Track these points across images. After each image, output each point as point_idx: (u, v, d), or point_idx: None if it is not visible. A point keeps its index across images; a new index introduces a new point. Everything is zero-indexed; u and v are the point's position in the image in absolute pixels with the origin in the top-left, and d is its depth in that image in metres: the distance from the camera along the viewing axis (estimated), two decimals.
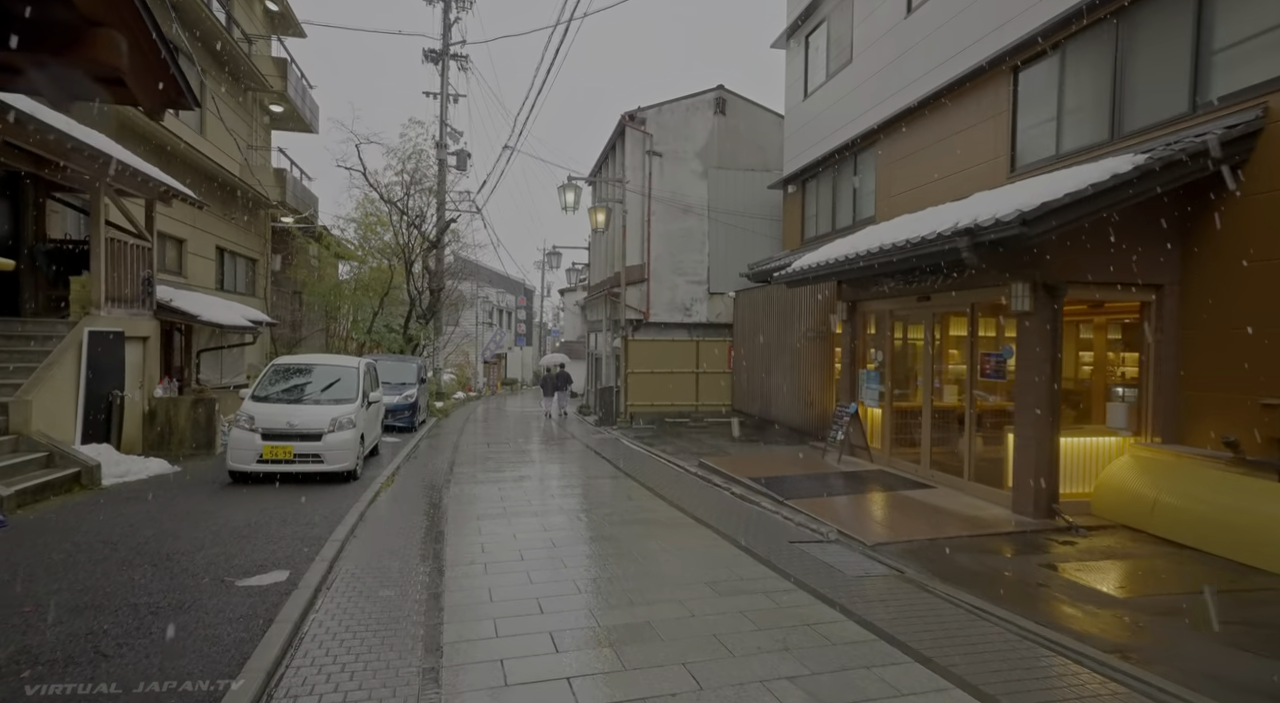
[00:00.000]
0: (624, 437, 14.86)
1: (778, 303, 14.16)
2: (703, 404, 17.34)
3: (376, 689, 3.33)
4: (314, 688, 3.33)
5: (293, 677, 3.45)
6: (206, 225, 15.42)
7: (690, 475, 9.79)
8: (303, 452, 8.28)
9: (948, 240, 6.40)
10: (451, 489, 8.73)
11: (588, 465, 11.12)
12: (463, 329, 35.04)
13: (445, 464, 10.82)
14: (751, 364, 15.67)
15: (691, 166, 17.42)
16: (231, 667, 3.42)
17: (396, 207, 20.86)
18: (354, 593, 4.67)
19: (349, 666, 3.57)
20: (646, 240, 17.19)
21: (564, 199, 16.27)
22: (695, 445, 12.97)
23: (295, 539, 5.80)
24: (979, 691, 3.37)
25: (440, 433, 15.83)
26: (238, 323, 11.62)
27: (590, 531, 6.67)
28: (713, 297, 17.53)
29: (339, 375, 9.42)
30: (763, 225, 17.68)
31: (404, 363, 16.43)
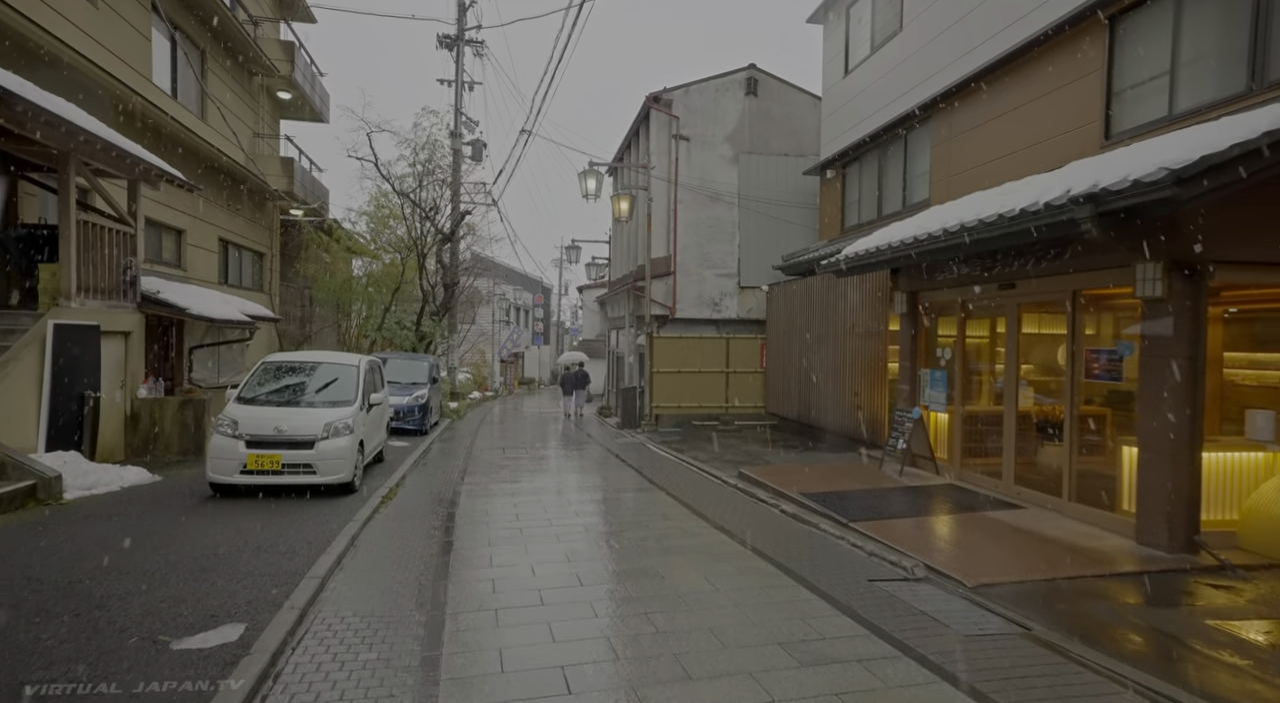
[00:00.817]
0: (649, 441, 13.76)
1: (818, 296, 12.97)
2: (733, 406, 16.19)
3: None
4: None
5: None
6: (208, 216, 14.54)
7: (730, 489, 8.66)
8: (292, 461, 7.27)
9: (1060, 211, 5.22)
10: (461, 505, 7.68)
11: (613, 475, 10.04)
12: (479, 327, 34.16)
13: (456, 473, 9.79)
14: (787, 363, 14.49)
15: (721, 152, 16.27)
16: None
17: (409, 199, 19.93)
18: (325, 658, 3.60)
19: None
20: (672, 231, 16.08)
21: (584, 186, 15.21)
22: (729, 452, 11.83)
23: (266, 575, 4.77)
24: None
25: (453, 436, 14.84)
26: (232, 318, 10.69)
27: (623, 561, 5.57)
28: (744, 291, 16.38)
29: (336, 375, 8.41)
30: (797, 214, 16.49)
31: (415, 362, 15.46)
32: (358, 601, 4.46)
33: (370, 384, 8.90)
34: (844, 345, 11.78)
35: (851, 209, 14.14)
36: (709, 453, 11.75)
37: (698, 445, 12.88)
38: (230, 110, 15.65)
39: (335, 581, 4.86)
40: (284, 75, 17.82)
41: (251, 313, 12.53)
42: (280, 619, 3.89)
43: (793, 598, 4.64)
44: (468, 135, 22.85)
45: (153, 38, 12.45)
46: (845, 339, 11.73)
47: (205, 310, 9.90)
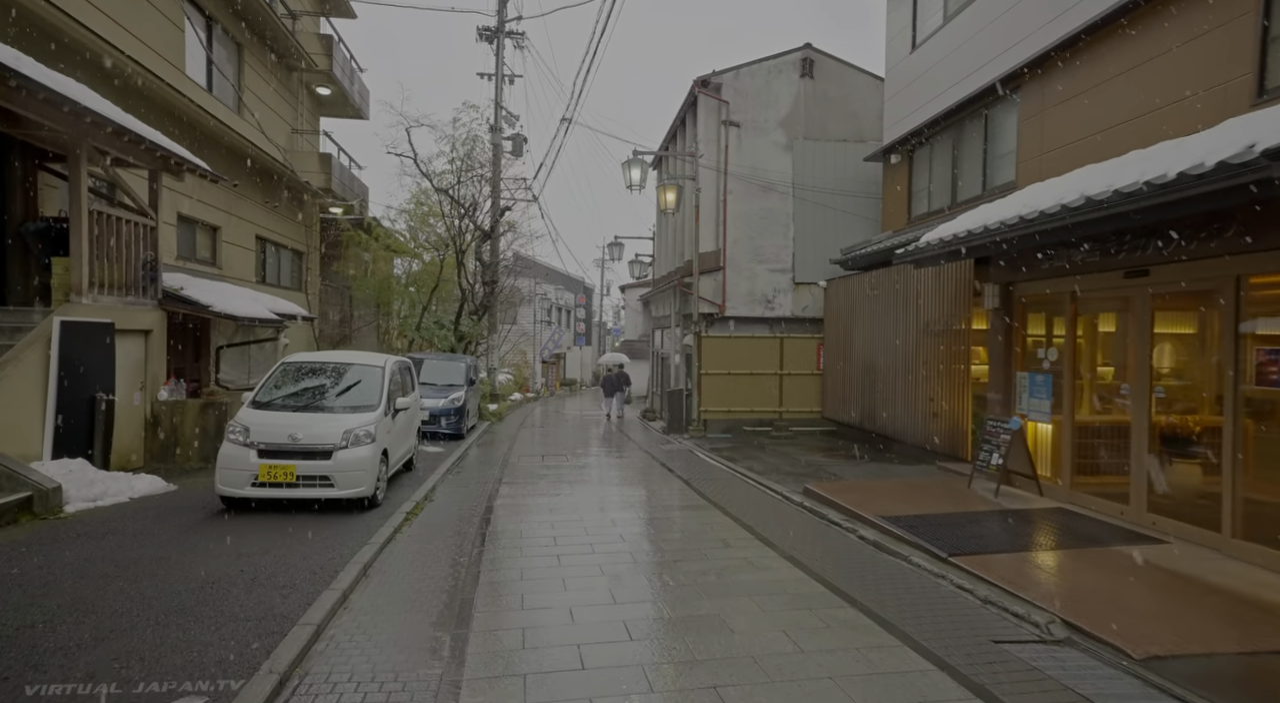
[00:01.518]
0: (698, 448, 12.78)
1: (884, 292, 11.80)
2: (787, 411, 15.08)
3: None
4: None
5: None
6: (245, 213, 14.17)
7: (794, 507, 7.62)
8: (308, 473, 6.55)
9: (1243, 171, 4.07)
10: (493, 524, 6.84)
11: (660, 488, 9.10)
12: (520, 327, 33.68)
13: (490, 484, 8.99)
14: (848, 365, 13.32)
15: (774, 138, 15.19)
16: None
17: (448, 195, 19.39)
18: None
19: None
20: (722, 223, 15.06)
21: (628, 176, 14.33)
22: (787, 463, 10.76)
23: (253, 618, 3.98)
24: None
25: (491, 441, 14.13)
26: (259, 316, 10.13)
27: (680, 604, 4.62)
28: (798, 287, 15.25)
29: (359, 377, 7.69)
30: (857, 204, 15.28)
31: (451, 362, 14.82)
32: (357, 658, 3.62)
33: (397, 387, 8.17)
34: (916, 346, 10.59)
35: (919, 197, 12.89)
36: (764, 463, 10.70)
37: (751, 454, 11.84)
38: (268, 105, 15.29)
39: (335, 626, 4.04)
40: (322, 70, 17.46)
41: (283, 311, 12.02)
42: (251, 692, 3.06)
43: (902, 666, 3.62)
44: (508, 130, 22.25)
45: (185, 29, 12.05)
46: (918, 339, 10.55)
47: (229, 308, 9.34)
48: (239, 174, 13.64)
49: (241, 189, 13.87)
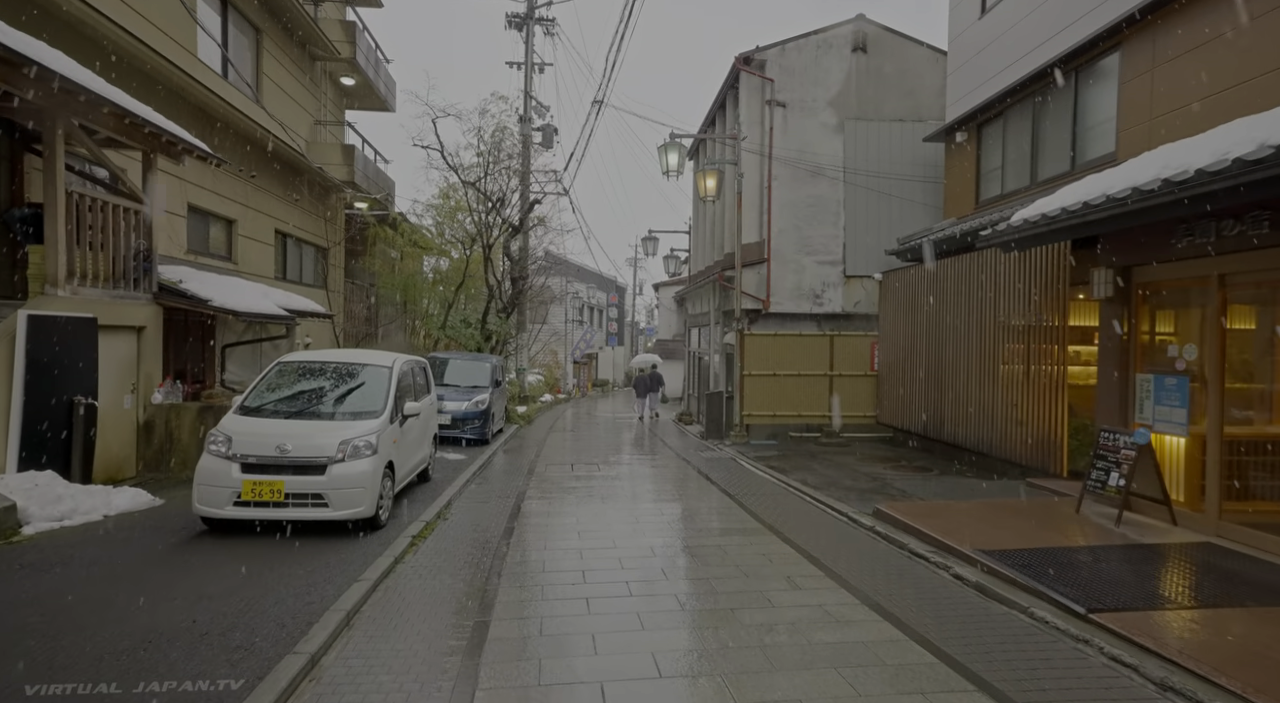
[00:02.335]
0: (741, 457, 11.64)
1: (953, 283, 10.51)
2: (838, 415, 13.83)
3: None
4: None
5: None
6: (263, 206, 13.48)
7: (865, 533, 6.46)
8: (298, 490, 5.63)
9: None
10: (514, 552, 5.83)
11: (704, 505, 8.00)
12: (551, 327, 32.89)
13: (512, 500, 8.01)
14: (908, 365, 12.04)
15: (823, 119, 13.96)
16: None
17: (475, 188, 18.57)
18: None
19: None
20: (766, 212, 13.89)
21: (665, 161, 13.26)
22: (845, 475, 9.56)
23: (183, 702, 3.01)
24: None
25: (518, 446, 13.19)
26: (266, 311, 9.33)
27: (747, 682, 3.52)
28: (849, 280, 13.99)
29: (363, 379, 6.76)
30: (914, 190, 13.97)
31: (476, 363, 13.93)
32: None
33: (407, 390, 7.23)
34: (995, 343, 9.30)
35: (989, 178, 11.55)
36: (819, 475, 9.52)
37: (802, 464, 10.66)
38: (288, 94, 14.63)
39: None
40: (345, 58, 16.75)
41: (297, 308, 11.25)
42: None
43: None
44: (538, 121, 21.41)
45: (198, 8, 11.36)
46: (997, 335, 9.25)
47: (231, 303, 8.54)
48: (257, 165, 12.96)
49: (260, 181, 13.19)
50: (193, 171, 10.92)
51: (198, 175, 11.15)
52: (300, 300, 11.97)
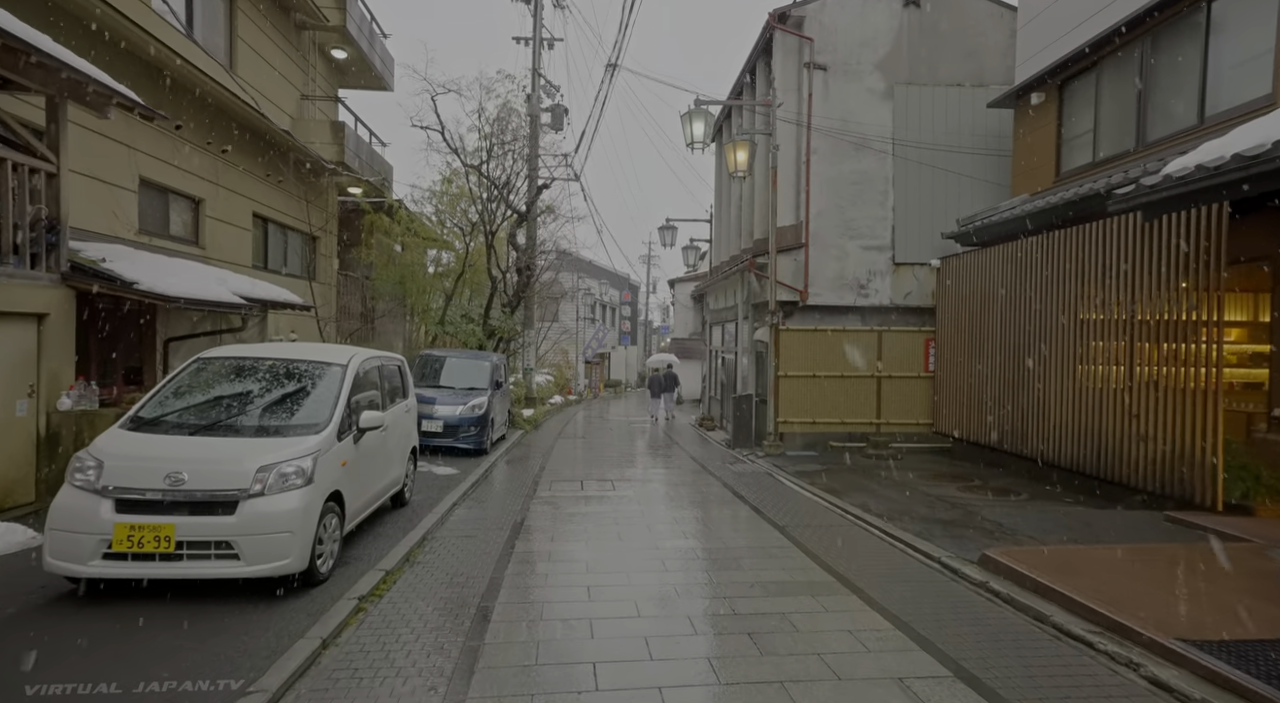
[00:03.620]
0: (779, 471, 9.93)
1: (1037, 268, 8.76)
2: (887, 423, 12.09)
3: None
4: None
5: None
6: (238, 185, 11.91)
7: (978, 595, 4.73)
8: (196, 536, 4.00)
9: None
10: (498, 617, 4.17)
11: (748, 542, 6.30)
12: (561, 325, 31.29)
13: (505, 533, 6.36)
14: (973, 366, 10.28)
15: (869, 83, 12.21)
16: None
17: (478, 171, 16.96)
18: None
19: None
20: (804, 190, 12.16)
21: (689, 130, 11.59)
22: (915, 499, 7.83)
23: None
24: None
25: (521, 456, 11.56)
26: (214, 299, 7.74)
27: None
28: (898, 268, 12.24)
29: (306, 382, 5.13)
30: (975, 164, 12.19)
31: (474, 362, 12.31)
32: None
33: (368, 397, 5.60)
34: (1104, 339, 7.54)
35: (1076, 145, 9.77)
36: (883, 499, 7.78)
37: (854, 483, 8.93)
38: (269, 63, 13.09)
39: None
40: (335, 26, 15.19)
41: (263, 297, 9.68)
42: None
43: None
44: (546, 101, 19.80)
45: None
46: (1108, 330, 7.49)
47: (166, 287, 6.95)
48: (230, 139, 11.41)
49: (234, 158, 11.64)
50: (146, 139, 9.40)
51: (152, 144, 9.60)
52: (271, 289, 10.40)
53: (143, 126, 9.16)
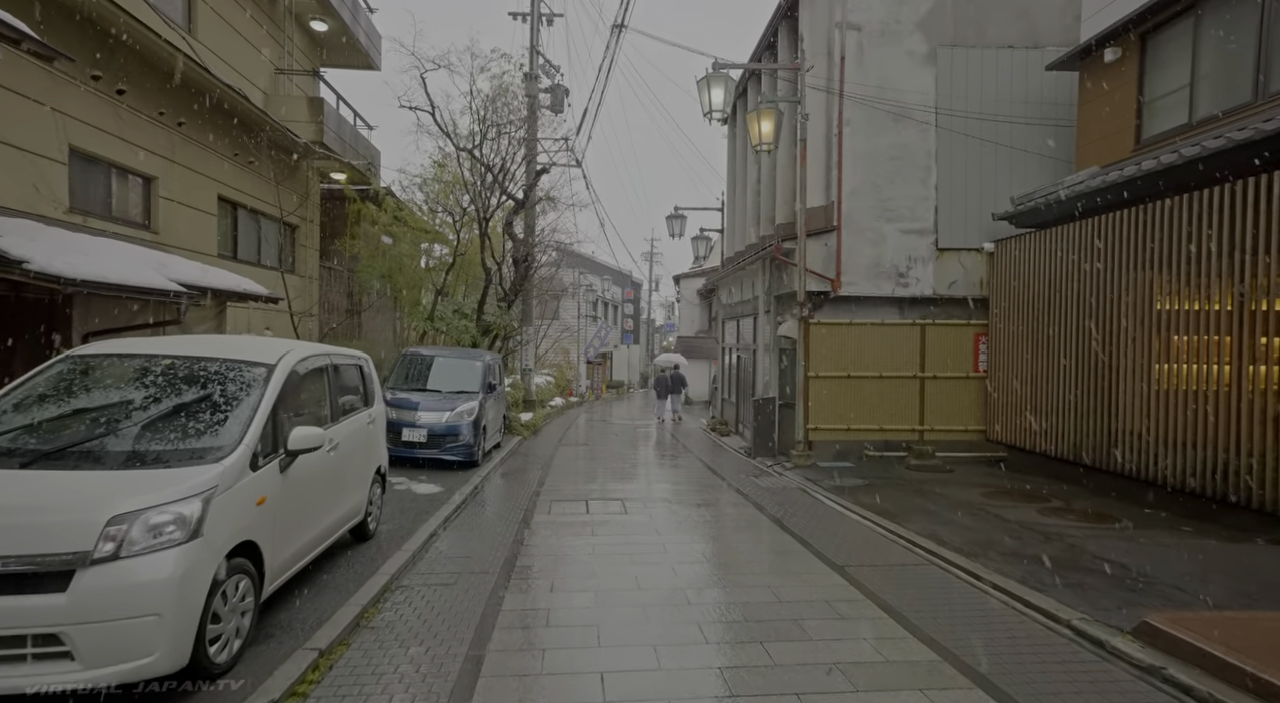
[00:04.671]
0: (814, 486, 8.54)
1: (1123, 248, 7.37)
2: (931, 429, 10.70)
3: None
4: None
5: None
6: (200, 164, 10.51)
7: (1137, 679, 3.33)
8: (8, 630, 2.61)
9: None
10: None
11: (798, 591, 4.89)
12: (562, 323, 29.91)
13: (494, 573, 4.97)
14: (1038, 364, 8.89)
15: (909, 46, 10.82)
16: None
17: (471, 155, 15.56)
18: None
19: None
20: (836, 166, 10.76)
21: (706, 98, 10.19)
22: (990, 525, 6.42)
23: None
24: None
25: (518, 468, 10.16)
26: (136, 284, 6.34)
27: None
28: (942, 254, 10.84)
29: (213, 389, 3.72)
30: (1029, 137, 10.80)
31: (464, 361, 10.90)
32: None
33: (309, 405, 4.21)
34: (1233, 333, 6.14)
35: (1164, 105, 8.38)
36: (952, 525, 6.37)
37: (908, 503, 7.53)
38: (237, 31, 11.71)
39: None
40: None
41: (213, 286, 8.29)
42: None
43: None
44: (545, 81, 18.42)
45: None
46: (1236, 321, 6.10)
47: (66, 269, 5.55)
48: (187, 111, 10.02)
49: (195, 133, 10.24)
50: (78, 103, 8.00)
51: (88, 110, 8.21)
52: (226, 277, 9.00)
53: (73, 87, 7.80)
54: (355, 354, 5.61)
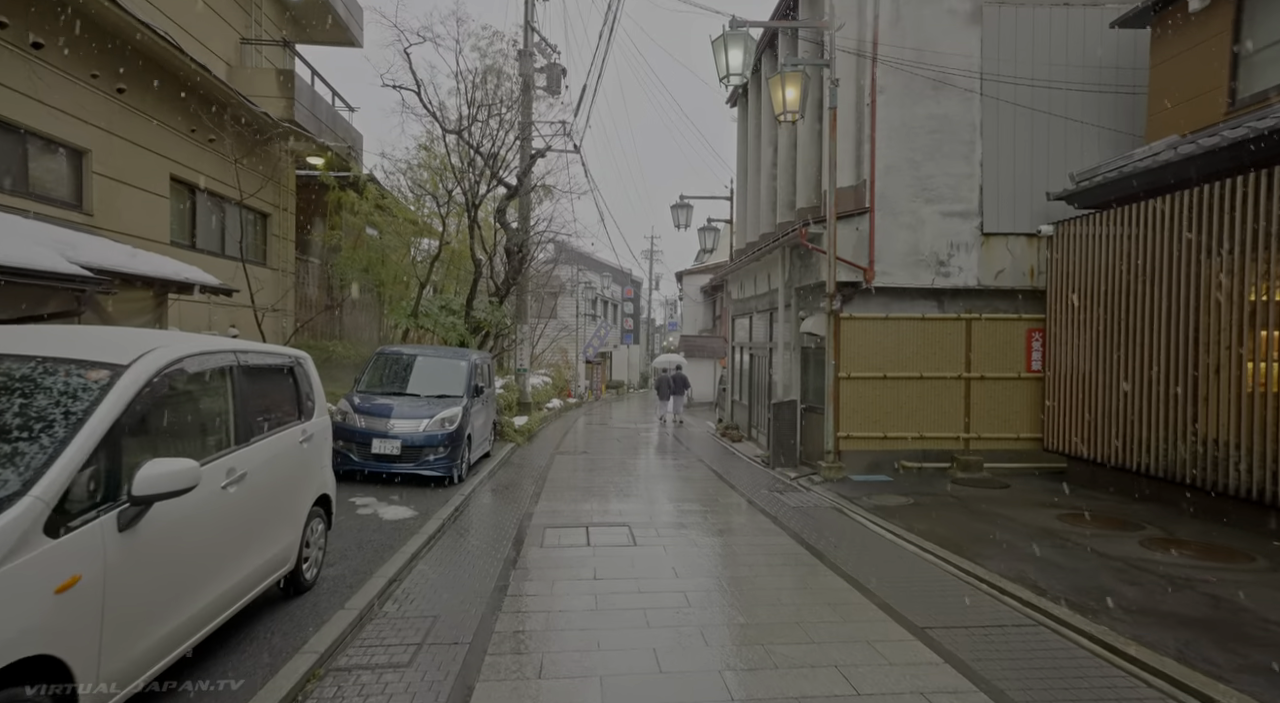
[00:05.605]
0: (851, 506, 7.25)
1: (1217, 224, 6.09)
2: (978, 437, 9.42)
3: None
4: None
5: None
6: (146, 138, 9.20)
7: None
8: None
9: None
10: None
11: (878, 678, 3.61)
12: (560, 321, 28.62)
13: (465, 645, 3.68)
14: (1109, 362, 7.61)
15: (951, 2, 9.54)
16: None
17: (459, 135, 14.25)
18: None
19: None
20: (869, 140, 9.49)
21: (723, 61, 8.89)
22: (1089, 562, 5.14)
23: None
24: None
25: (507, 484, 8.86)
26: (16, 264, 5.05)
27: None
28: (989, 240, 9.56)
29: (9, 406, 2.42)
30: (1088, 106, 9.52)
31: (446, 362, 9.58)
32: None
33: (148, 433, 2.91)
34: None
35: (1262, 60, 7.09)
36: (1039, 563, 5.08)
37: (972, 529, 6.24)
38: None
39: None
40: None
41: (144, 272, 6.99)
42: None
43: None
44: (541, 60, 17.12)
45: None
46: None
47: None
48: (128, 76, 8.70)
49: (142, 103, 8.93)
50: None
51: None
52: (164, 263, 7.68)
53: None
54: (284, 353, 4.31)
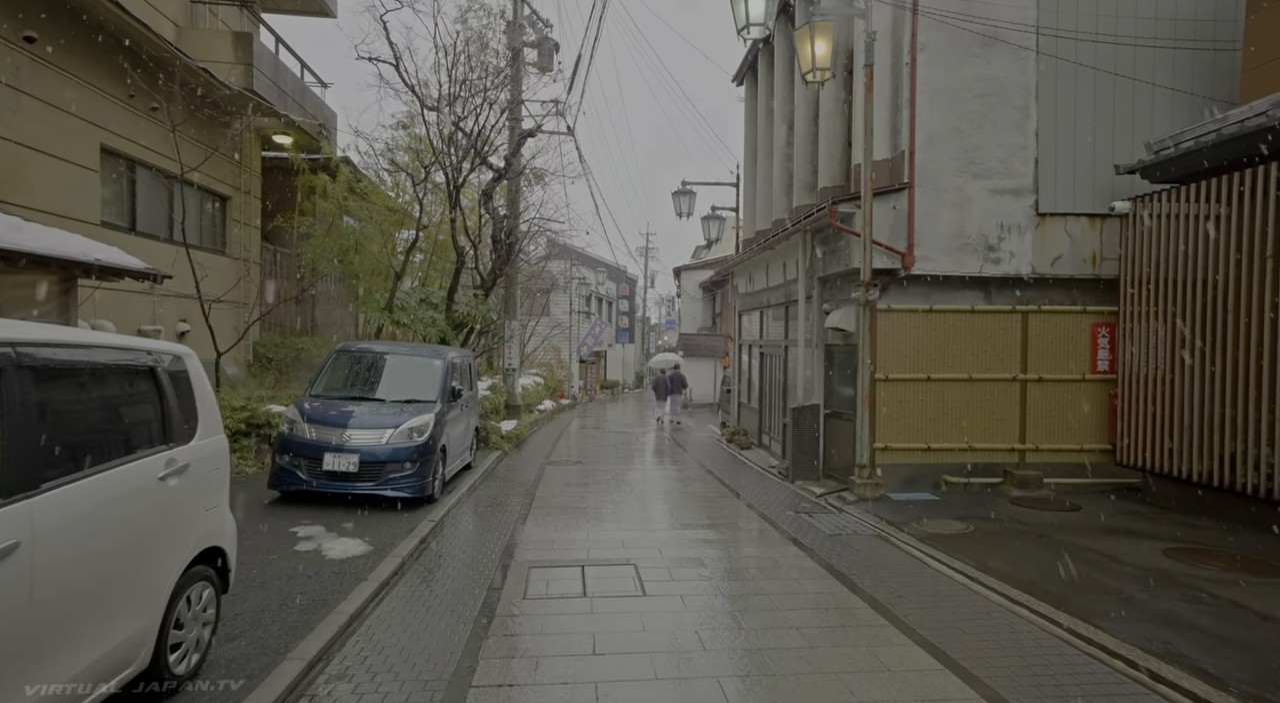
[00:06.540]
0: (898, 533, 5.96)
1: None
2: (1035, 448, 8.16)
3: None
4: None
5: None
6: (66, 99, 7.83)
7: None
8: None
9: None
10: None
11: None
12: (553, 318, 27.28)
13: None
14: (1204, 362, 6.36)
15: None
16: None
17: (437, 110, 12.89)
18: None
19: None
20: (908, 106, 8.22)
21: (741, 9, 7.59)
22: (1239, 622, 3.87)
23: None
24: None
25: (489, 503, 7.52)
26: None
27: None
28: (1045, 220, 8.30)
29: None
30: (1161, 66, 8.28)
31: (417, 361, 8.21)
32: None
33: None
34: None
35: None
36: (1175, 623, 3.81)
37: (1058, 568, 4.96)
38: None
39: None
40: None
41: (31, 249, 5.64)
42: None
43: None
44: (532, 34, 15.77)
45: None
46: None
47: None
48: (41, 25, 7.33)
49: (60, 58, 7.58)
50: None
51: None
52: (62, 239, 6.31)
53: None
54: (142, 348, 2.98)
